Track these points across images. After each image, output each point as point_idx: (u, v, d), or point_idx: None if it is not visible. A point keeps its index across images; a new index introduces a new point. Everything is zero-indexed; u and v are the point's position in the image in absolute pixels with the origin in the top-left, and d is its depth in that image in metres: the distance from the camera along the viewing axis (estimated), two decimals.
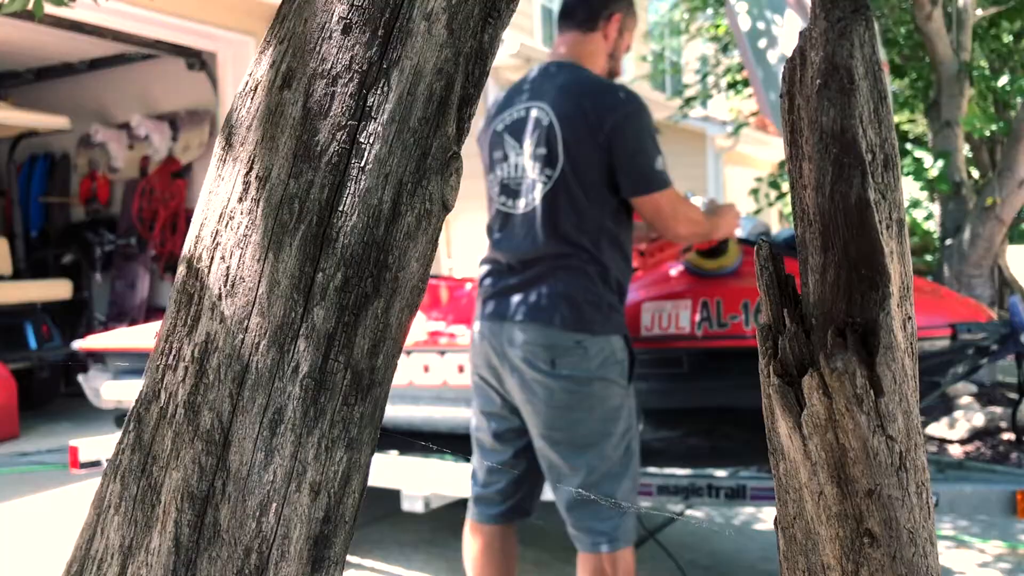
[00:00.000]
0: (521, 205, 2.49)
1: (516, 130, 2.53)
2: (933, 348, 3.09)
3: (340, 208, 0.74)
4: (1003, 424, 5.49)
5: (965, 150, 6.78)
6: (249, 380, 0.73)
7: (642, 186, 2.42)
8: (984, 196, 5.94)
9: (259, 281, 0.73)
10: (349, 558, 3.86)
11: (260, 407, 0.72)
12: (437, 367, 3.69)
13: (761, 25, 3.39)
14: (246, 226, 0.75)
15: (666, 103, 9.93)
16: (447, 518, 3.86)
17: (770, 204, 7.10)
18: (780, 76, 2.41)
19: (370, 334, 0.75)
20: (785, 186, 7.16)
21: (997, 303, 6.42)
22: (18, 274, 7.82)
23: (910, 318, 0.61)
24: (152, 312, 7.90)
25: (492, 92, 7.79)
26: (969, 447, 5.41)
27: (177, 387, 0.75)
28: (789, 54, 2.42)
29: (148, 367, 0.77)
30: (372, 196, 0.74)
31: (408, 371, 3.78)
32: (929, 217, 8.00)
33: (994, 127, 6.04)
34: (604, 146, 2.39)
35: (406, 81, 0.74)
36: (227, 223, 0.75)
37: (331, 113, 0.74)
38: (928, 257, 7.79)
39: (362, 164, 0.74)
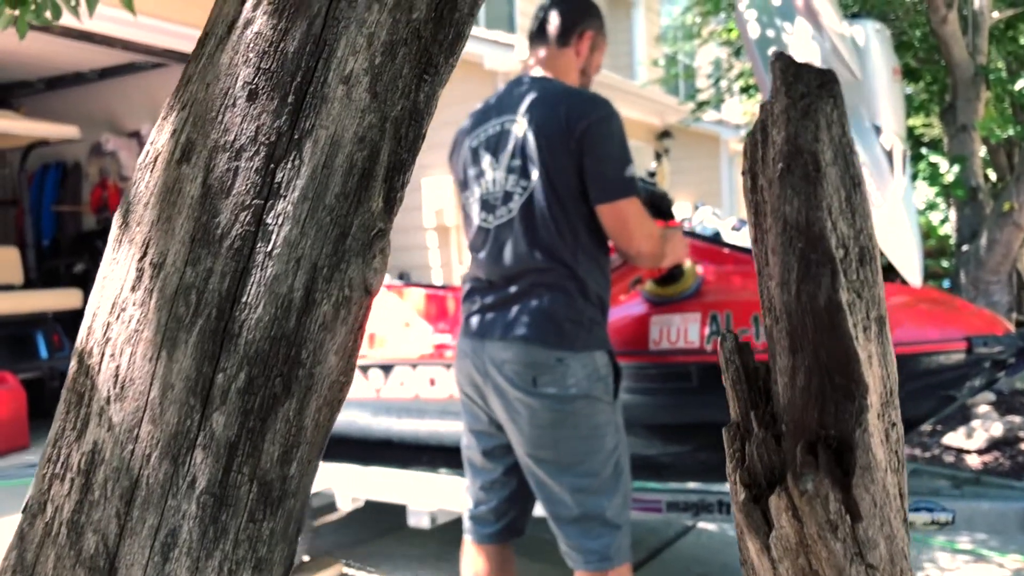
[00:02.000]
0: (498, 219, 2.47)
1: (491, 145, 2.50)
2: (948, 362, 3.02)
3: (243, 299, 0.65)
4: (1022, 434, 5.39)
5: (982, 152, 6.68)
6: (138, 497, 0.64)
7: (609, 192, 2.37)
8: (1001, 201, 5.84)
9: (151, 384, 0.64)
10: (355, 573, 3.82)
11: (151, 528, 0.63)
12: (443, 380, 3.65)
13: (771, 33, 3.33)
14: (138, 320, 0.66)
15: (678, 107, 9.86)
16: (456, 532, 3.82)
17: None
18: None
19: (280, 440, 0.66)
20: None
21: (1015, 309, 6.32)
22: (29, 283, 7.81)
23: (895, 425, 0.54)
24: None
25: None
26: (987, 457, 5.31)
27: (63, 501, 0.66)
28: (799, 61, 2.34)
29: (36, 474, 0.69)
30: (281, 284, 0.65)
31: (414, 384, 3.74)
32: (945, 220, 7.89)
33: (1011, 131, 5.94)
34: (575, 152, 2.36)
35: (321, 153, 0.66)
36: (119, 315, 0.67)
37: (234, 191, 0.66)
38: (944, 263, 7.68)
39: (269, 248, 0.65)
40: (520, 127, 2.44)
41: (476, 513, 2.64)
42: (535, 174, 2.40)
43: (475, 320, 2.51)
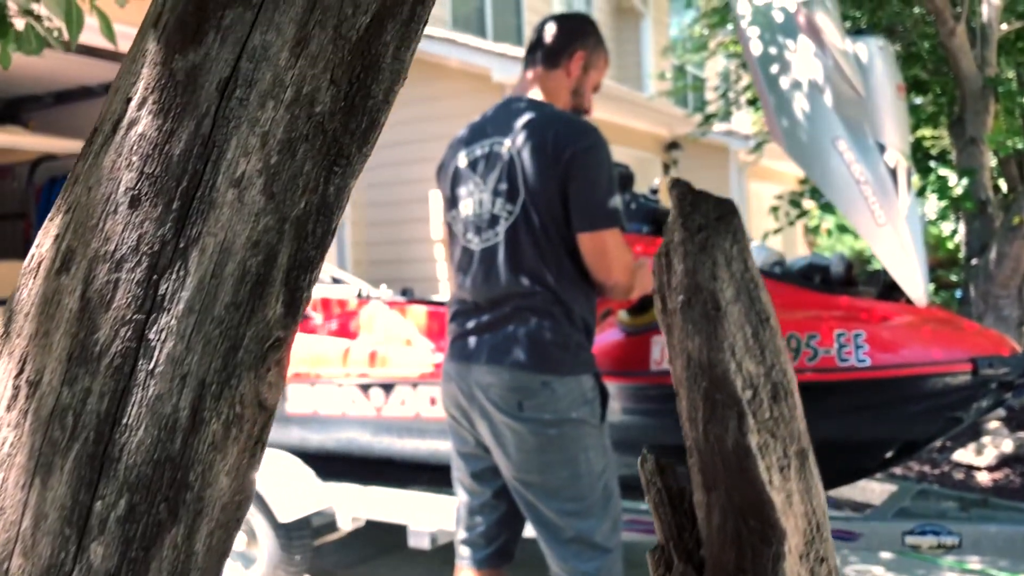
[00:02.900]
0: (484, 241, 2.47)
1: (479, 166, 2.50)
2: (953, 383, 2.98)
3: (124, 421, 0.60)
4: None
5: (992, 162, 6.61)
6: None
7: (591, 221, 2.37)
8: (1011, 214, 5.78)
9: (23, 513, 0.60)
10: None
11: None
12: None
13: (773, 50, 3.30)
14: (11, 443, 0.61)
15: (687, 118, 9.82)
16: None
17: (791, 223, 6.95)
18: (793, 102, 2.30)
19: (168, 568, 0.61)
20: (806, 204, 7.02)
21: None
22: None
23: (823, 560, 0.51)
24: None
25: None
26: (997, 474, 5.24)
27: None
28: (802, 80, 2.30)
29: None
30: (164, 404, 0.61)
31: (414, 404, 3.72)
32: (956, 232, 7.82)
33: (1020, 144, 5.88)
34: (561, 178, 2.36)
35: (209, 261, 0.61)
36: None
37: (114, 305, 0.61)
38: (954, 277, 7.62)
39: (151, 366, 0.61)
40: (508, 150, 2.44)
41: (468, 538, 2.63)
42: (521, 199, 2.40)
43: (461, 343, 2.51)
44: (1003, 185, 7.26)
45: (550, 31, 2.60)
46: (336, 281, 4.91)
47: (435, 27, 9.10)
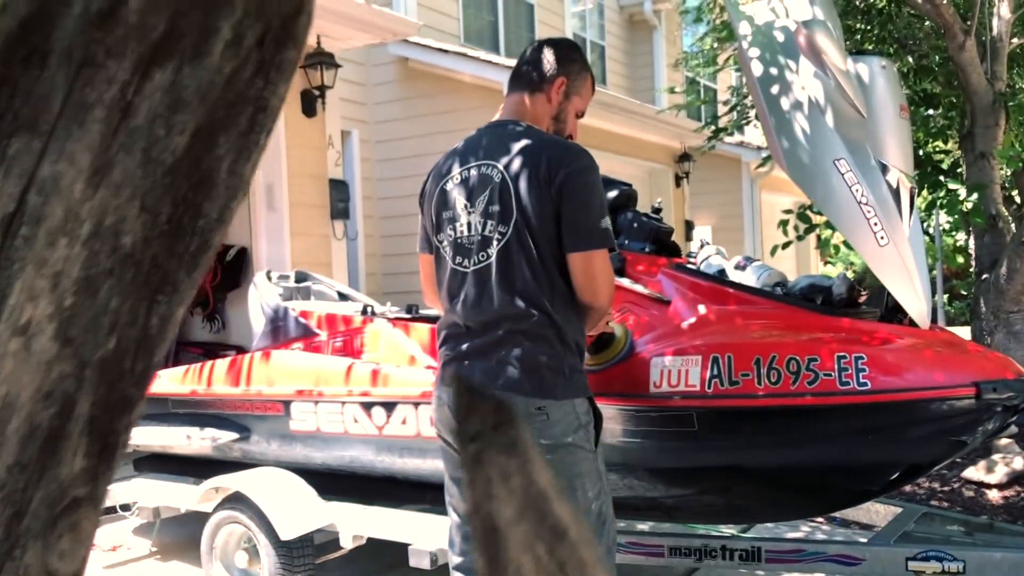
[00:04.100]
0: (475, 263, 2.46)
1: (467, 188, 2.51)
2: (956, 407, 2.94)
3: None
4: None
5: (1007, 172, 6.55)
6: None
7: (583, 241, 2.38)
8: (1022, 228, 5.72)
9: None
10: None
11: None
12: None
13: (774, 70, 3.28)
14: None
15: (699, 131, 9.80)
16: None
17: (800, 238, 6.90)
18: (793, 123, 2.28)
19: None
20: (816, 218, 6.97)
21: None
22: None
23: None
24: (181, 351, 7.81)
25: None
26: (1008, 492, 5.19)
27: None
28: (802, 101, 2.28)
29: None
30: None
31: (415, 423, 3.71)
32: (967, 245, 7.75)
33: None
34: (554, 199, 2.37)
35: None
36: None
37: None
38: (963, 291, 7.54)
39: None
40: (497, 173, 2.44)
41: (462, 564, 2.60)
42: (514, 220, 2.40)
43: (453, 367, 2.49)
44: (1016, 198, 7.19)
45: (534, 56, 2.62)
46: (343, 297, 4.92)
47: (447, 42, 9.12)
